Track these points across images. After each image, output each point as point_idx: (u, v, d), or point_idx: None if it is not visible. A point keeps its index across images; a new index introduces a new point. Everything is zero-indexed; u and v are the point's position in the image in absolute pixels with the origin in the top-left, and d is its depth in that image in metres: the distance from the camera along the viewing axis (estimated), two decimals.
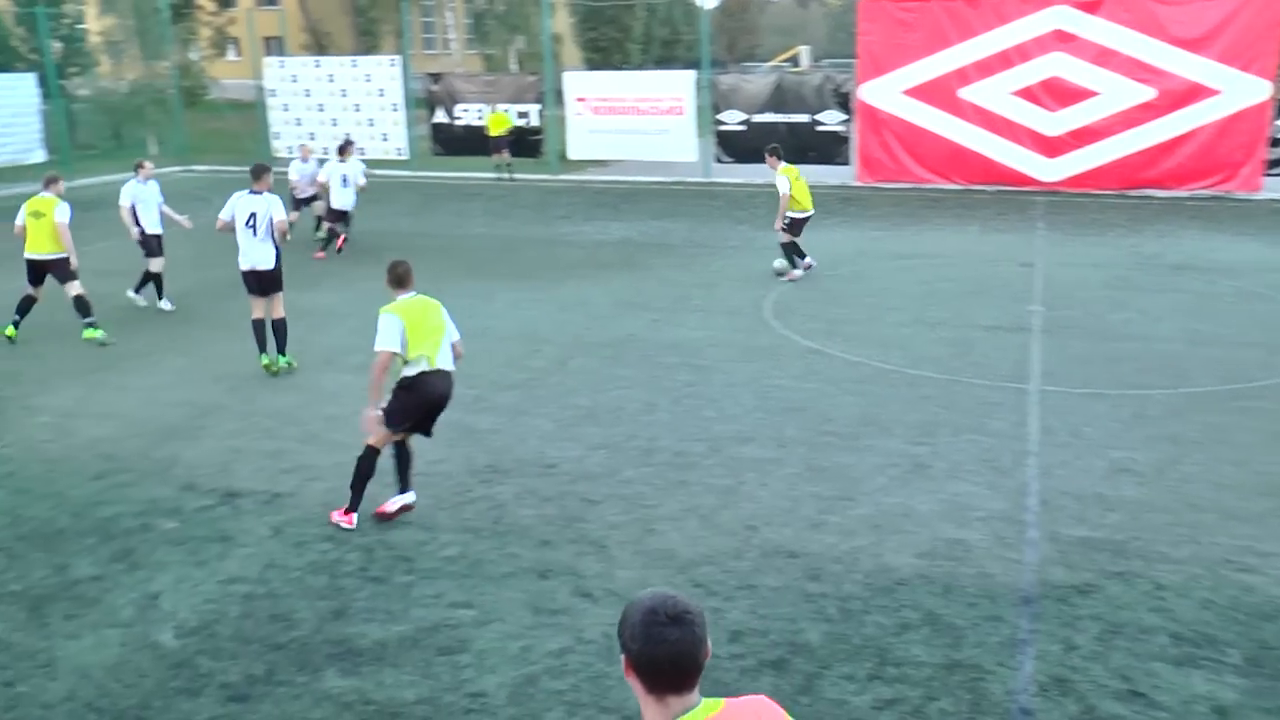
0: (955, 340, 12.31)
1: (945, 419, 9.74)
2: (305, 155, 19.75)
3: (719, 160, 26.89)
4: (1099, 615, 6.35)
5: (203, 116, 38.67)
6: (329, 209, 18.41)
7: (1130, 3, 22.92)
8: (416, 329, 7.56)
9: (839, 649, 6.03)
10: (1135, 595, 6.57)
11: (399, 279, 7.79)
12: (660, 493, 8.23)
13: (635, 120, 27.12)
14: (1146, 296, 14.37)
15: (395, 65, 29.77)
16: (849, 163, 25.76)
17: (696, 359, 11.73)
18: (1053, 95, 23.61)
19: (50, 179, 13.03)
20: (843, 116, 25.68)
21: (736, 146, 26.67)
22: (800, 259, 15.90)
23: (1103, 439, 9.18)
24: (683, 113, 26.79)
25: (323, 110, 29.93)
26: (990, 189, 24.37)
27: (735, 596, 6.64)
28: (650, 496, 8.16)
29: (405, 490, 7.94)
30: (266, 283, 11.39)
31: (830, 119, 25.74)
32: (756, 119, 26.29)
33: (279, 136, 30.30)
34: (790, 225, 15.72)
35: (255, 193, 11.23)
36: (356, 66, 30.34)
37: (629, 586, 6.72)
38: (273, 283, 11.41)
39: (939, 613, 6.40)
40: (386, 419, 7.61)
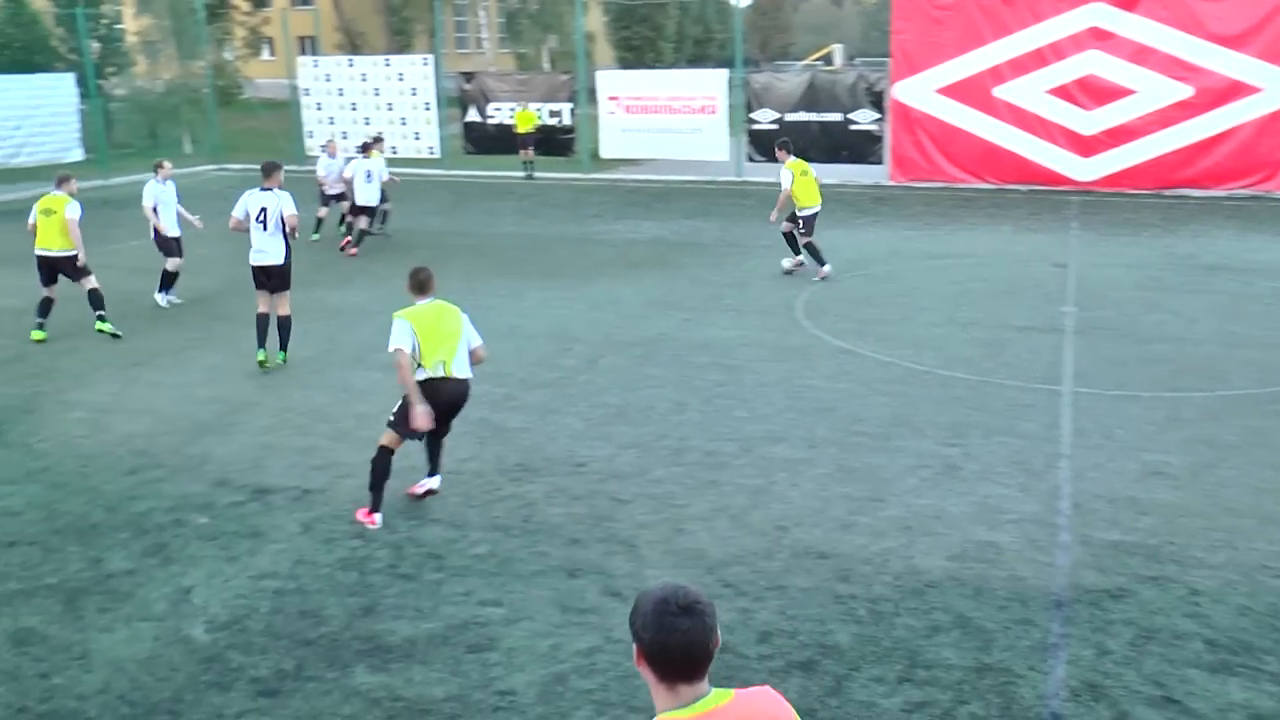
0: (987, 341, 12.23)
1: (977, 420, 9.67)
2: (333, 151, 19.87)
3: (751, 159, 26.82)
4: (1132, 620, 6.28)
5: (237, 115, 38.93)
6: (353, 204, 18.66)
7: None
8: (428, 335, 7.60)
9: (868, 651, 6.00)
10: (1169, 600, 6.50)
11: (420, 285, 7.87)
12: (690, 492, 8.22)
13: (668, 119, 27.11)
14: (1181, 297, 14.22)
15: (428, 64, 29.90)
16: (882, 162, 25.65)
17: (728, 358, 11.70)
18: (1088, 93, 23.41)
19: (62, 178, 13.33)
20: (876, 115, 25.57)
21: (769, 145, 26.52)
22: (801, 256, 15.96)
23: (1136, 442, 9.09)
24: (715, 112, 26.74)
25: (355, 109, 30.10)
26: (1024, 188, 24.19)
27: (765, 597, 6.62)
28: (680, 496, 8.15)
29: (433, 474, 8.12)
30: (275, 278, 11.48)
31: (863, 118, 25.63)
32: (789, 118, 26.20)
33: (312, 135, 30.49)
34: (802, 223, 15.74)
35: (266, 189, 11.35)
36: (389, 65, 30.50)
37: None
38: (281, 279, 11.50)
39: (969, 615, 6.35)
40: (395, 424, 7.68)
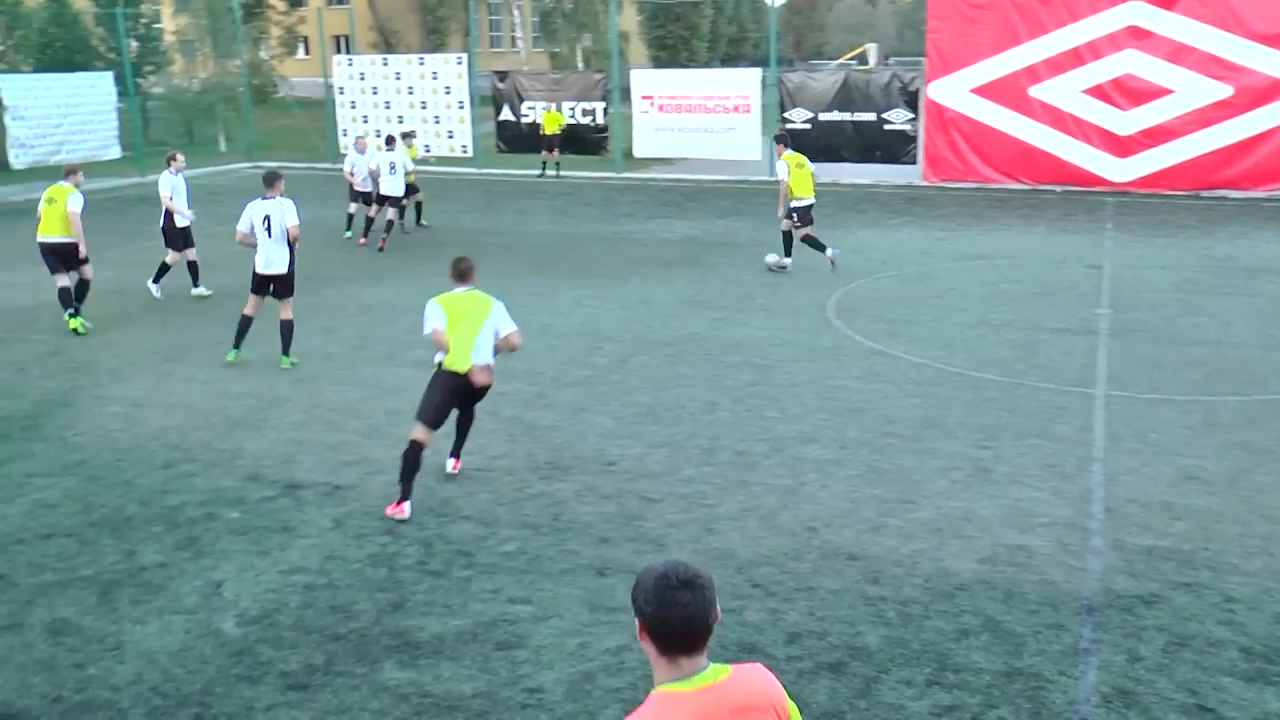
0: (1020, 343, 12.15)
1: (1009, 423, 9.60)
2: (362, 147, 20.08)
3: None
4: (1165, 626, 6.21)
5: (272, 114, 39.23)
6: (378, 195, 19.06)
7: None
8: (455, 320, 7.86)
9: (897, 653, 5.97)
10: (1203, 607, 6.43)
11: (460, 274, 8.16)
12: (720, 492, 8.21)
13: (701, 119, 27.05)
14: (1218, 300, 14.06)
15: (462, 63, 29.99)
16: (916, 162, 25.52)
17: (759, 358, 11.68)
18: (1124, 93, 23.18)
19: (70, 169, 13.74)
20: (910, 115, 25.43)
21: (802, 145, 26.40)
22: (788, 260, 16.11)
23: (1171, 446, 9.00)
24: (749, 111, 26.67)
25: (389, 108, 30.23)
26: (1058, 189, 24.00)
27: (794, 598, 6.60)
28: (710, 496, 8.15)
29: (455, 454, 8.49)
30: (279, 286, 11.59)
31: (897, 118, 25.49)
32: (823, 117, 26.11)
33: (345, 133, 30.60)
34: (797, 214, 15.85)
35: (268, 198, 11.45)
36: (423, 64, 30.61)
37: None
38: (284, 286, 11.60)
39: (1000, 619, 6.31)
40: (421, 413, 7.92)
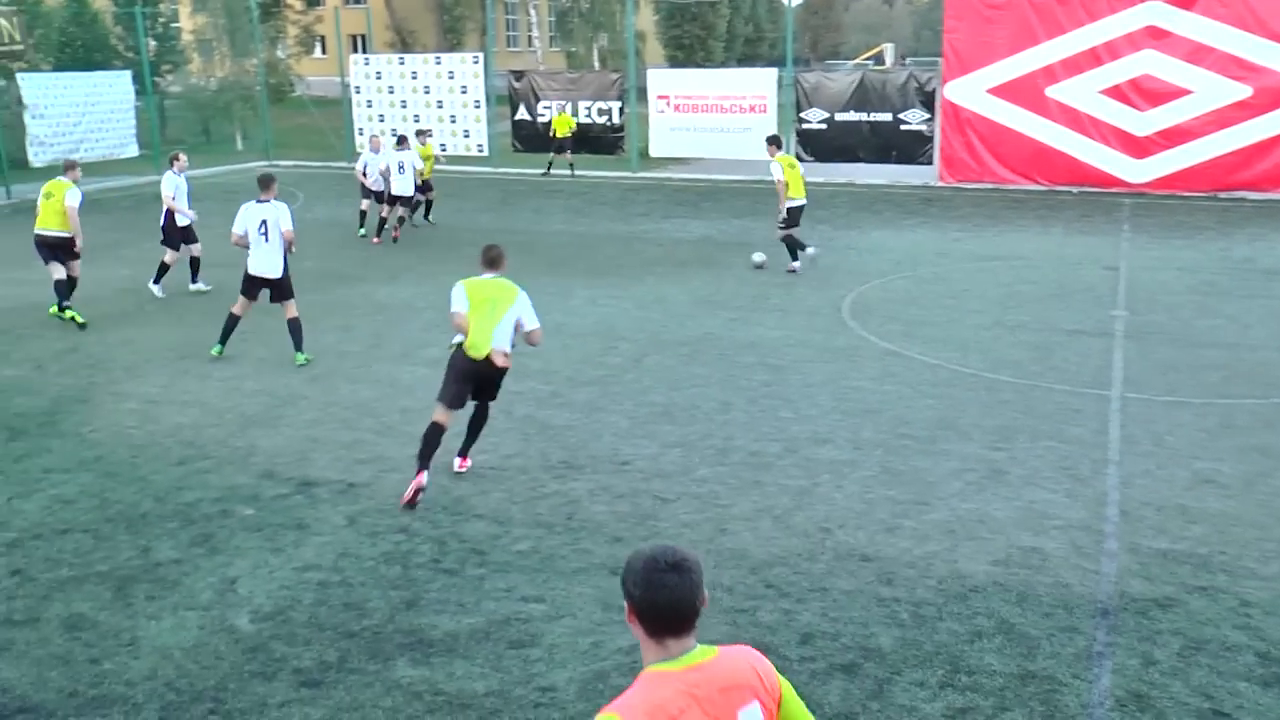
0: (1036, 344, 12.10)
1: (1024, 424, 9.57)
2: (376, 146, 20.26)
3: (800, 159, 26.62)
4: (1180, 630, 6.18)
5: (288, 113, 39.33)
6: (390, 195, 19.27)
7: None
8: (478, 304, 8.04)
9: (911, 655, 5.95)
10: (1219, 611, 6.39)
11: (490, 261, 8.35)
12: (734, 492, 8.20)
13: (717, 118, 27.04)
14: (1236, 302, 13.99)
15: (478, 62, 30.02)
16: (931, 162, 25.45)
17: (773, 358, 11.67)
18: (1142, 94, 23.07)
19: (69, 164, 14.03)
20: (926, 115, 25.37)
21: (818, 145, 26.51)
22: (801, 249, 16.13)
23: (1187, 449, 8.95)
24: (765, 111, 26.63)
25: (405, 107, 30.28)
26: (1075, 190, 23.91)
27: (807, 599, 6.59)
28: (724, 496, 8.14)
29: (463, 453, 8.55)
30: (275, 290, 11.65)
31: (914, 118, 25.44)
32: (839, 117, 26.08)
33: (362, 132, 30.67)
34: (786, 214, 15.99)
35: (263, 201, 11.51)
36: (440, 64, 30.65)
37: None
38: (280, 290, 11.66)
39: (1013, 622, 6.29)
40: (440, 394, 8.14)
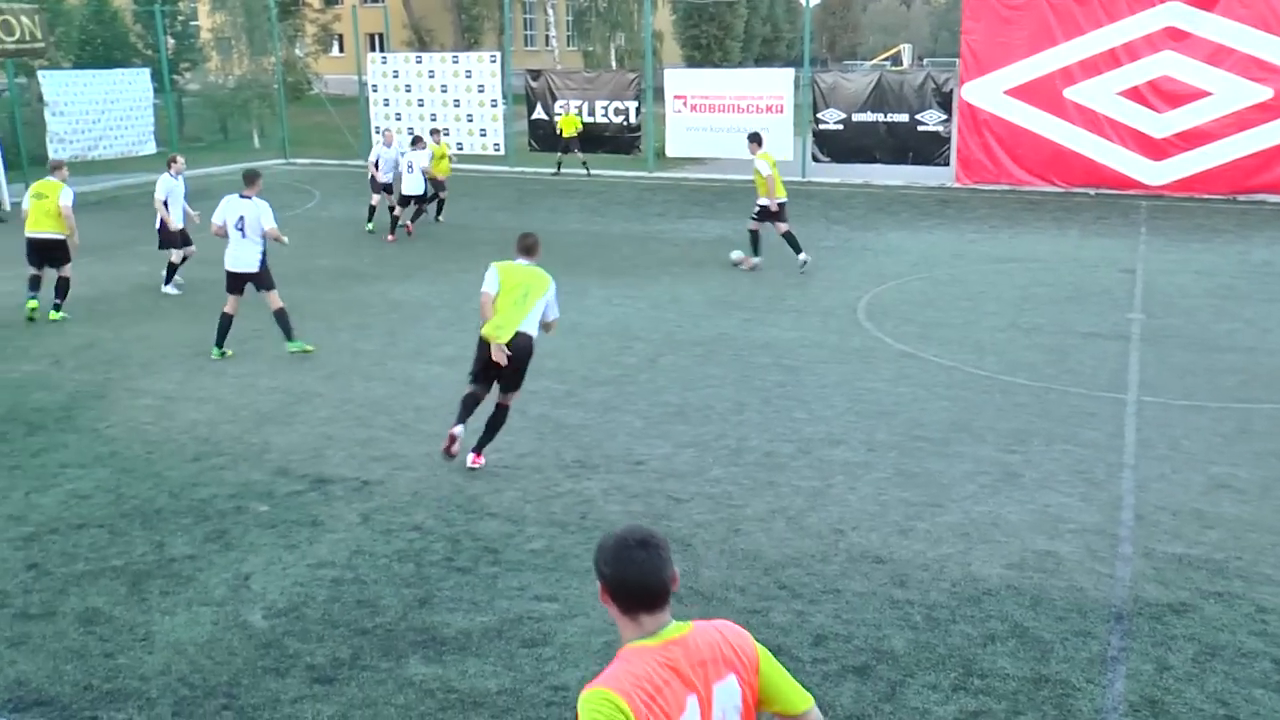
0: (1051, 347, 12.06)
1: (1039, 427, 9.54)
2: (389, 140, 20.43)
3: (816, 159, 26.68)
4: (1195, 636, 6.15)
5: (306, 111, 39.42)
6: (400, 194, 19.65)
7: None
8: (509, 288, 8.34)
9: (923, 657, 5.94)
10: (1235, 617, 6.35)
11: (525, 249, 8.61)
12: (748, 493, 8.20)
13: (734, 119, 26.99)
14: (1254, 306, 13.91)
15: (495, 61, 30.06)
16: (948, 164, 25.38)
17: (788, 359, 11.66)
18: (1161, 96, 22.97)
19: (55, 165, 14.16)
20: (943, 116, 25.30)
21: (834, 146, 26.46)
22: (755, 252, 16.35)
23: (1203, 453, 8.91)
24: (782, 111, 26.59)
25: (423, 105, 30.35)
26: (1092, 192, 23.82)
27: (820, 600, 6.58)
28: (738, 496, 8.13)
29: (477, 450, 8.65)
30: (255, 282, 11.76)
31: (930, 119, 25.37)
32: (856, 118, 26.02)
33: (379, 131, 30.81)
34: (762, 212, 16.15)
35: (245, 197, 11.62)
36: (457, 63, 30.70)
37: (714, 586, 6.71)
38: (260, 282, 11.78)
39: (1027, 625, 6.27)
40: (472, 373, 8.46)
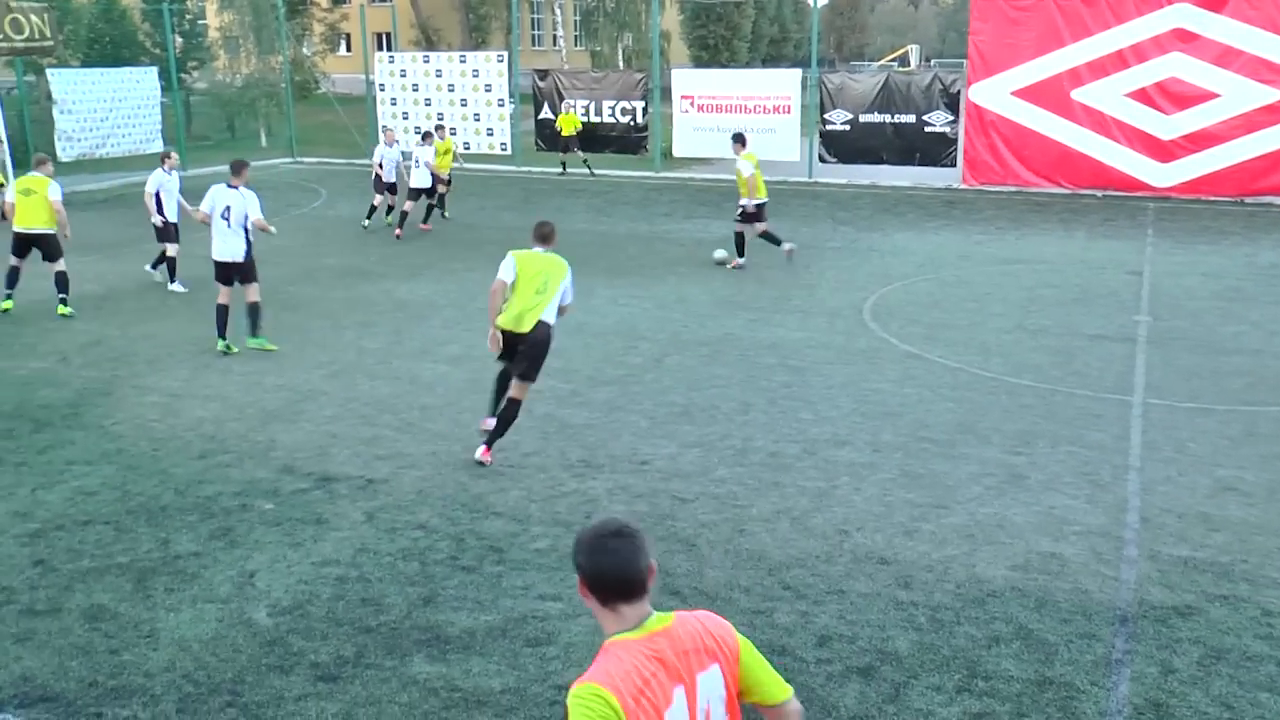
0: (1057, 349, 12.04)
1: (1044, 429, 9.52)
2: (390, 140, 20.62)
3: (823, 159, 26.66)
4: (1200, 639, 6.14)
5: (313, 110, 39.51)
6: (410, 189, 20.03)
7: (1259, 0, 22.13)
8: (527, 277, 8.55)
9: (928, 659, 5.93)
10: (1240, 620, 6.34)
11: (542, 237, 8.81)
12: (753, 493, 8.19)
13: (741, 119, 26.96)
14: (1261, 308, 13.88)
15: (503, 61, 30.07)
16: (955, 165, 25.36)
17: (794, 359, 11.65)
18: (1168, 97, 22.94)
19: (40, 160, 14.27)
20: (950, 117, 25.28)
21: (841, 146, 26.45)
22: (740, 254, 16.47)
23: (1209, 456, 8.89)
24: (789, 111, 26.59)
25: (430, 105, 30.36)
26: (1099, 194, 23.79)
27: (824, 601, 6.57)
28: (742, 497, 8.13)
29: (488, 444, 8.79)
30: (239, 273, 11.86)
31: (938, 120, 25.35)
32: (863, 119, 26.02)
33: (386, 130, 30.83)
34: (744, 214, 16.26)
35: (232, 187, 11.72)
36: (464, 62, 30.71)
37: (718, 586, 6.71)
38: (244, 273, 11.87)
39: (1031, 627, 6.26)
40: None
